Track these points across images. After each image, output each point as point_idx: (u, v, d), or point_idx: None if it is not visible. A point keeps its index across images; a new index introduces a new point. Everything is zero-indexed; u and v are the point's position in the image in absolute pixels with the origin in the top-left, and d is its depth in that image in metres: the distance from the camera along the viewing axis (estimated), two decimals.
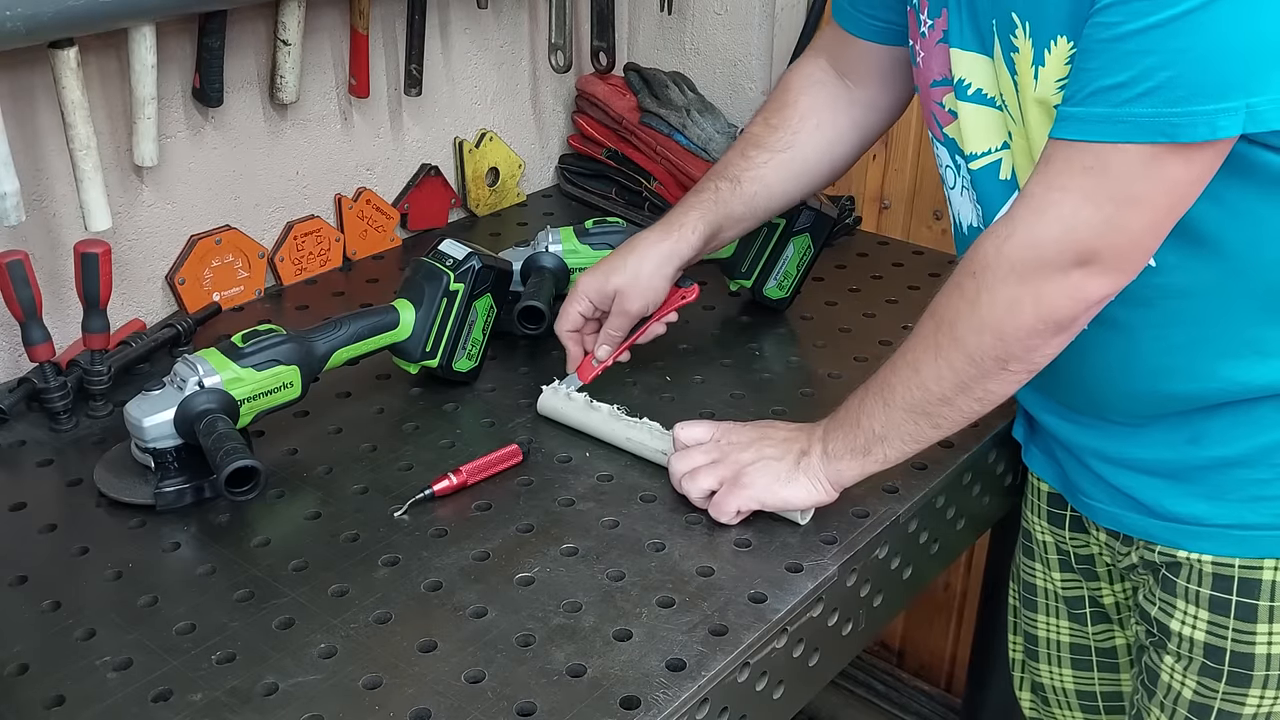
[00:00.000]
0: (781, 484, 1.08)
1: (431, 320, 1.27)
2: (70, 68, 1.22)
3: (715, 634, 0.98)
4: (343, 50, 1.56)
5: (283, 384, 1.17)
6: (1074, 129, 0.90)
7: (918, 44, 1.11)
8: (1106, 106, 0.87)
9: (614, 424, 1.21)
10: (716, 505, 1.09)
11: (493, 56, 1.76)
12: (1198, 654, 1.10)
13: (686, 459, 1.12)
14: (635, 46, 1.96)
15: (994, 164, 1.06)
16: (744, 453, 1.10)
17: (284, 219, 1.57)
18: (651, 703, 0.91)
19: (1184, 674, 1.11)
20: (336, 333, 1.21)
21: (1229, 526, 1.06)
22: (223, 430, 1.08)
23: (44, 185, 1.33)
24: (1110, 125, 0.87)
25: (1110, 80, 0.86)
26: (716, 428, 1.15)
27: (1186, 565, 1.09)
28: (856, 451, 1.06)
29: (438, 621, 0.99)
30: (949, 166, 1.14)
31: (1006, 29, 0.98)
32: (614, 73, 1.84)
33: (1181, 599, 1.10)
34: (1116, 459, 1.11)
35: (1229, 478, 1.05)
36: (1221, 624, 1.08)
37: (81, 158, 1.26)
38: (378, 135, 1.65)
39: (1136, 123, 0.86)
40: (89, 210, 1.29)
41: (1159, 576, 1.12)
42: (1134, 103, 0.86)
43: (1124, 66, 0.86)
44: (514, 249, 1.45)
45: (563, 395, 1.25)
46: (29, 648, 0.96)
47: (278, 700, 0.91)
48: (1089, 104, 0.88)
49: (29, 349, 1.25)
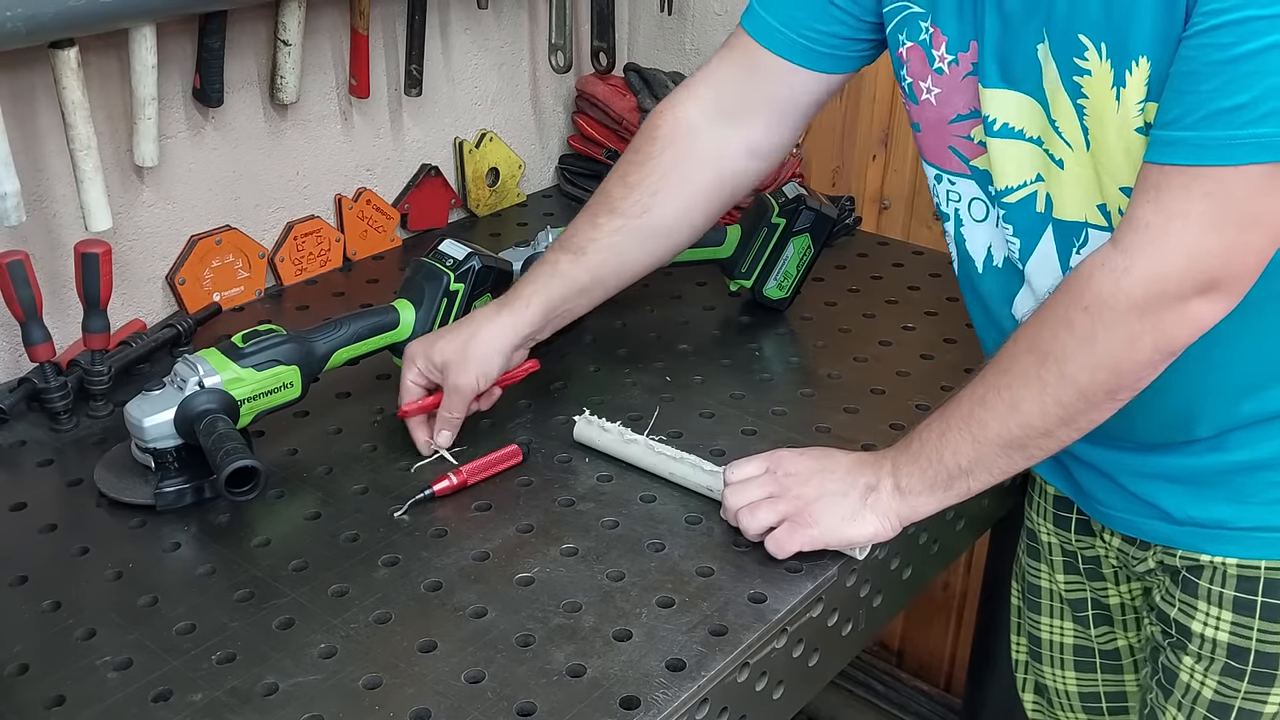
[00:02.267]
0: (847, 522, 1.04)
1: (432, 320, 1.27)
2: (71, 68, 1.22)
3: (715, 634, 0.98)
4: (343, 50, 1.56)
5: (283, 384, 1.16)
6: (1189, 154, 0.87)
7: (927, 80, 1.07)
8: (1227, 129, 0.85)
9: (654, 458, 1.16)
10: (777, 543, 1.05)
11: (493, 57, 1.77)
12: (1220, 654, 1.09)
13: (743, 492, 1.08)
14: (635, 47, 1.96)
15: (1029, 197, 1.03)
16: (805, 487, 1.06)
17: (284, 219, 1.57)
18: (651, 703, 0.91)
19: (1205, 674, 1.11)
20: (337, 333, 1.21)
21: (1253, 529, 1.05)
22: (223, 430, 1.08)
23: (44, 185, 1.33)
24: (1233, 148, 0.85)
25: (1229, 102, 0.84)
26: (770, 458, 1.10)
27: (1209, 568, 1.08)
28: (936, 486, 1.03)
29: (438, 621, 0.99)
30: (976, 200, 1.09)
31: (1068, 53, 0.94)
32: (614, 73, 1.84)
33: (1204, 600, 1.09)
34: (1136, 469, 1.11)
35: (1253, 481, 1.05)
36: (1246, 625, 1.07)
37: (82, 158, 1.26)
38: (378, 135, 1.65)
39: (1260, 143, 0.84)
40: (89, 210, 1.29)
41: (1178, 579, 1.11)
42: (1256, 124, 0.84)
43: (1243, 88, 0.84)
44: (514, 249, 1.45)
45: (596, 426, 1.20)
46: (29, 648, 0.96)
47: (278, 700, 0.91)
48: (1205, 128, 0.86)
49: (29, 349, 1.25)
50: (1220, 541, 1.07)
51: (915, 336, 1.44)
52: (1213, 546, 1.07)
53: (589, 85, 1.84)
